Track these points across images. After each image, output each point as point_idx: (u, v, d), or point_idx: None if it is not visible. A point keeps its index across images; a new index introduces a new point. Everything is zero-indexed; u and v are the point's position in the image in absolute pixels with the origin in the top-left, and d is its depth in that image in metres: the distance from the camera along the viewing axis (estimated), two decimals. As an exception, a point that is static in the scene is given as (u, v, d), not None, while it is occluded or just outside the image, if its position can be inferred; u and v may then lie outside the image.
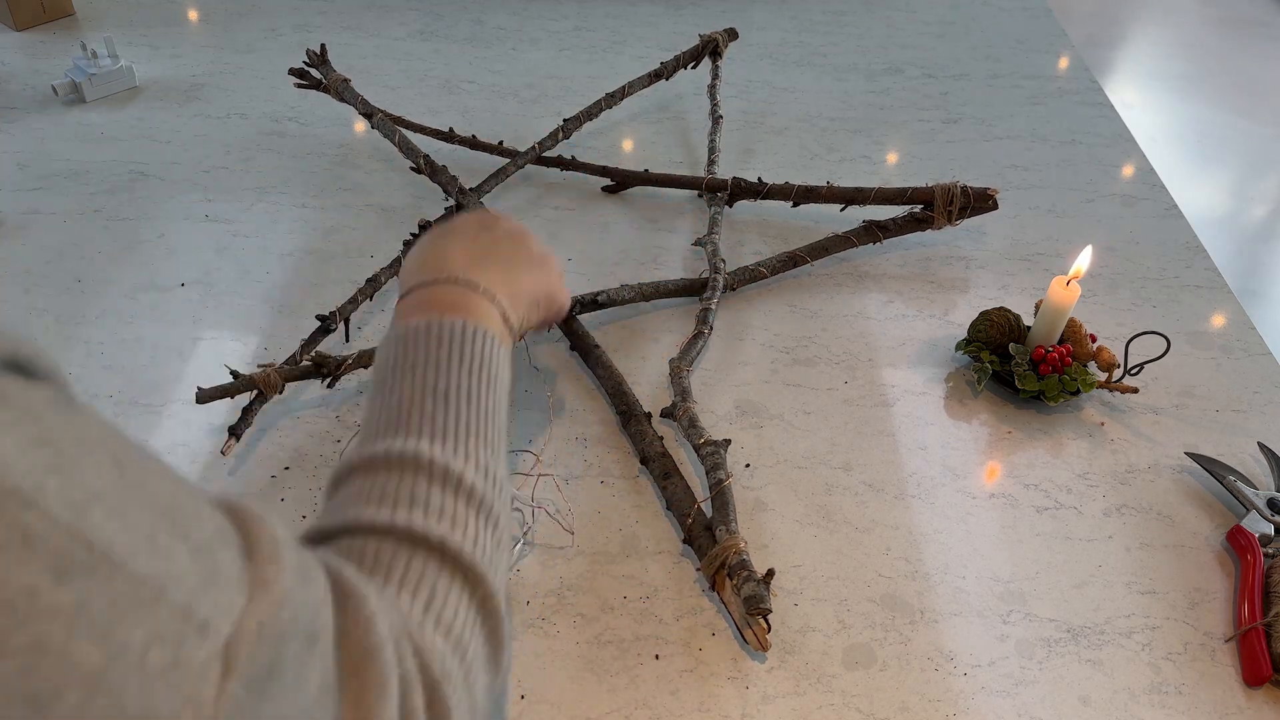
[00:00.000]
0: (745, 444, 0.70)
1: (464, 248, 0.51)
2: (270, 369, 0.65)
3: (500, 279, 0.50)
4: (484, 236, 0.53)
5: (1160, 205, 0.99)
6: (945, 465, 0.69)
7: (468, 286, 0.48)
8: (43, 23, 1.21)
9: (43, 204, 0.89)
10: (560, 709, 0.53)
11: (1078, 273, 0.72)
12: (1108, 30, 3.33)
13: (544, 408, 0.71)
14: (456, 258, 0.50)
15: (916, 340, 0.80)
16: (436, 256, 0.50)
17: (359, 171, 0.97)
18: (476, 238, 0.52)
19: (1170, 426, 0.73)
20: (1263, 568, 0.60)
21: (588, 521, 0.63)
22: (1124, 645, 0.58)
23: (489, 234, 0.53)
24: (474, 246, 0.51)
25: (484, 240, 0.52)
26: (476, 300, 0.47)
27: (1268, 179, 2.56)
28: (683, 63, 1.02)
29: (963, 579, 0.61)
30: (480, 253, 0.51)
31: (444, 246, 0.51)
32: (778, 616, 0.58)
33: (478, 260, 0.50)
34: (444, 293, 0.47)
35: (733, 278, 0.82)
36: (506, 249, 0.53)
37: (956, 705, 0.54)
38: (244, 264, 0.84)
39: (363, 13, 1.30)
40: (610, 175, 0.94)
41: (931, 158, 1.05)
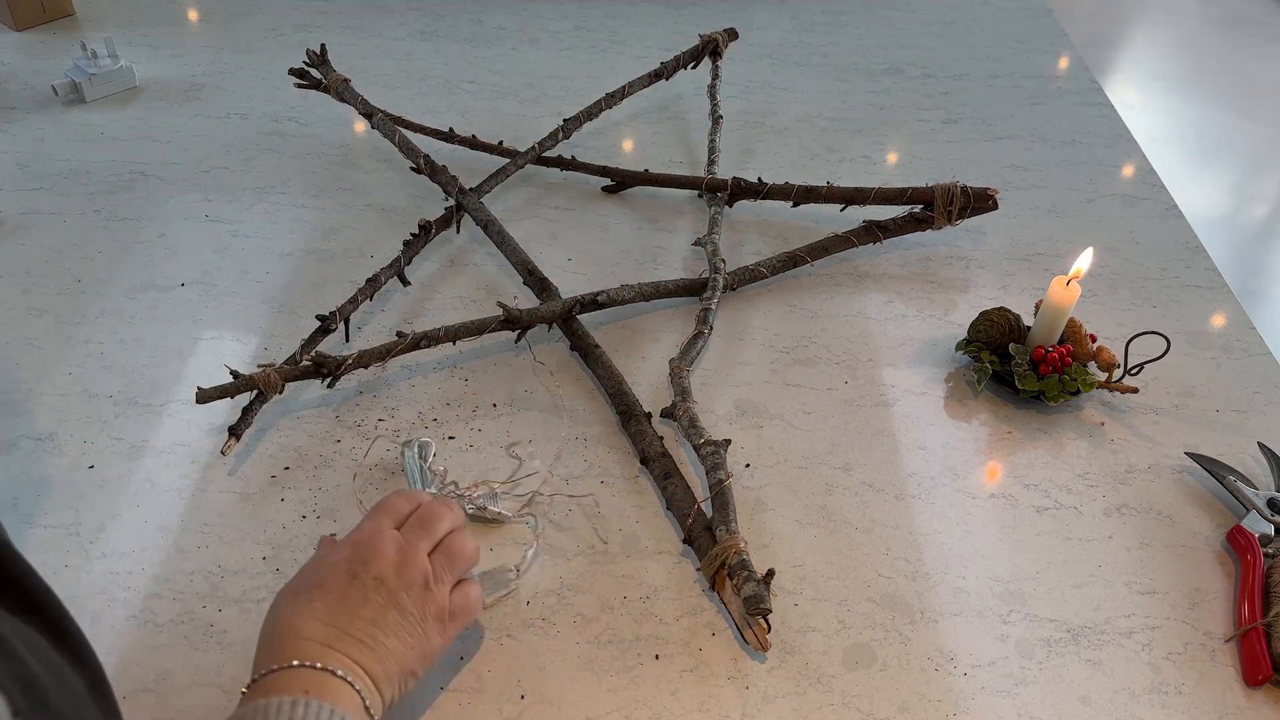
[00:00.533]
0: (745, 444, 0.70)
1: (324, 616, 0.46)
2: (270, 369, 0.65)
3: (366, 655, 0.45)
4: (352, 593, 0.47)
5: (1160, 205, 0.99)
6: (945, 465, 0.69)
7: (324, 672, 0.43)
8: (43, 23, 1.21)
9: (43, 204, 0.89)
10: (560, 709, 0.53)
11: (1078, 273, 0.72)
12: (1108, 30, 3.33)
13: (544, 408, 0.71)
14: (313, 632, 0.45)
15: (916, 340, 0.80)
16: (290, 632, 0.45)
17: (359, 171, 0.97)
18: (343, 597, 0.46)
19: (1170, 426, 0.73)
20: (1263, 568, 0.60)
21: (588, 522, 0.63)
22: (1124, 645, 0.58)
23: (357, 589, 0.47)
24: (337, 612, 0.46)
25: (351, 599, 0.46)
26: (333, 686, 0.43)
27: (1268, 179, 2.56)
28: (683, 63, 1.02)
29: (963, 579, 0.61)
30: (344, 619, 0.46)
31: (299, 618, 0.45)
32: (778, 616, 0.58)
33: (339, 634, 0.45)
34: (295, 680, 0.43)
35: (733, 278, 0.82)
36: (374, 609, 0.46)
37: (956, 705, 0.54)
38: (244, 264, 0.84)
39: (363, 13, 1.30)
40: (610, 175, 0.94)
41: (931, 158, 1.05)
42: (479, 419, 0.70)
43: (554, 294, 0.79)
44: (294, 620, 0.46)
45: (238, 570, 0.59)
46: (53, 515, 0.62)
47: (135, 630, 0.55)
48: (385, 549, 0.49)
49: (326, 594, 0.47)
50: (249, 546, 0.60)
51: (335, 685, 0.43)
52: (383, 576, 0.48)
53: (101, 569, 0.58)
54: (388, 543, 0.49)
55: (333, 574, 0.48)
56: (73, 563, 0.59)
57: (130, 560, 0.59)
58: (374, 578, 0.47)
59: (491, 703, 0.53)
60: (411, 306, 0.81)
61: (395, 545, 0.49)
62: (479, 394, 0.72)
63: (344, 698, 0.43)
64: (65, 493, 0.63)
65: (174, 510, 0.62)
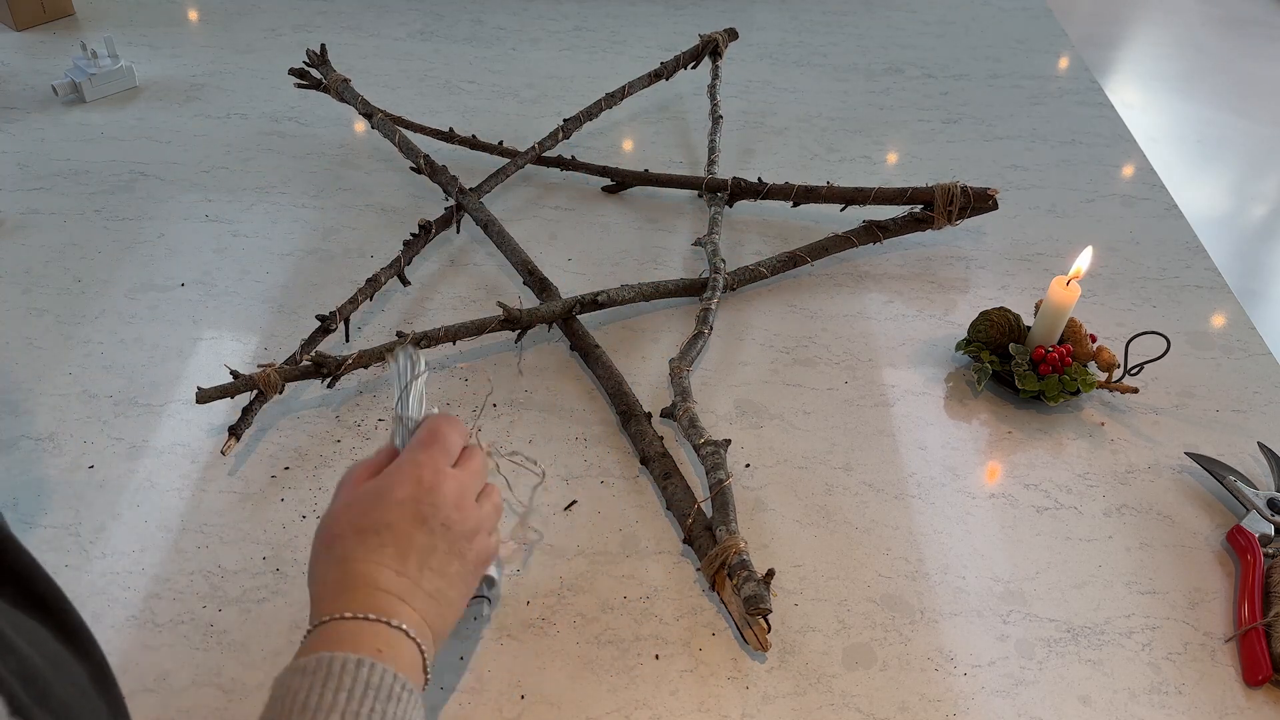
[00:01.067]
0: (745, 444, 0.70)
1: (396, 564, 0.44)
2: (270, 369, 0.65)
3: (433, 611, 0.44)
4: (420, 539, 0.45)
5: (1160, 205, 0.99)
6: (945, 465, 0.69)
7: (397, 631, 0.42)
8: (43, 23, 1.21)
9: (43, 204, 0.89)
10: (560, 709, 0.53)
11: (1078, 273, 0.72)
12: (1108, 30, 3.33)
13: (544, 408, 0.71)
14: (388, 583, 0.43)
15: (916, 340, 0.80)
16: (364, 581, 0.43)
17: (359, 171, 0.97)
18: (412, 543, 0.45)
19: (1170, 426, 0.73)
20: (1263, 568, 0.60)
21: (588, 521, 0.63)
22: (1124, 645, 0.58)
23: (425, 535, 0.45)
24: (408, 560, 0.44)
25: (420, 546, 0.45)
26: (403, 647, 0.42)
27: (1268, 179, 2.56)
28: (683, 63, 1.02)
29: (963, 579, 0.61)
30: (415, 569, 0.44)
31: (372, 566, 0.44)
32: (778, 616, 0.58)
33: (411, 586, 0.44)
34: (366, 635, 0.41)
35: (733, 278, 0.82)
36: (440, 558, 0.45)
37: (956, 705, 0.54)
38: (244, 264, 0.84)
39: (363, 13, 1.30)
40: (610, 175, 0.94)
41: (931, 158, 1.05)
42: (479, 419, 0.70)
43: (554, 294, 0.79)
44: (368, 568, 0.44)
45: (238, 570, 0.59)
46: (53, 515, 0.62)
47: (135, 630, 0.55)
48: (449, 492, 0.47)
49: (397, 538, 0.44)
50: (249, 546, 0.60)
51: (405, 645, 0.42)
52: (449, 523, 0.46)
53: (101, 569, 0.58)
54: (451, 486, 0.47)
55: (400, 515, 0.45)
56: (73, 563, 0.59)
57: (130, 560, 0.59)
58: (441, 524, 0.46)
59: (491, 703, 0.53)
60: (411, 306, 0.81)
61: (458, 489, 0.47)
62: (479, 394, 0.72)
63: (410, 659, 0.42)
64: (65, 493, 0.63)
65: (174, 510, 0.62)
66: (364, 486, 0.47)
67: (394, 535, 0.45)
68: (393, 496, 0.46)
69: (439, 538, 0.46)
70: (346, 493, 0.47)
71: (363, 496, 0.46)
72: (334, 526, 0.46)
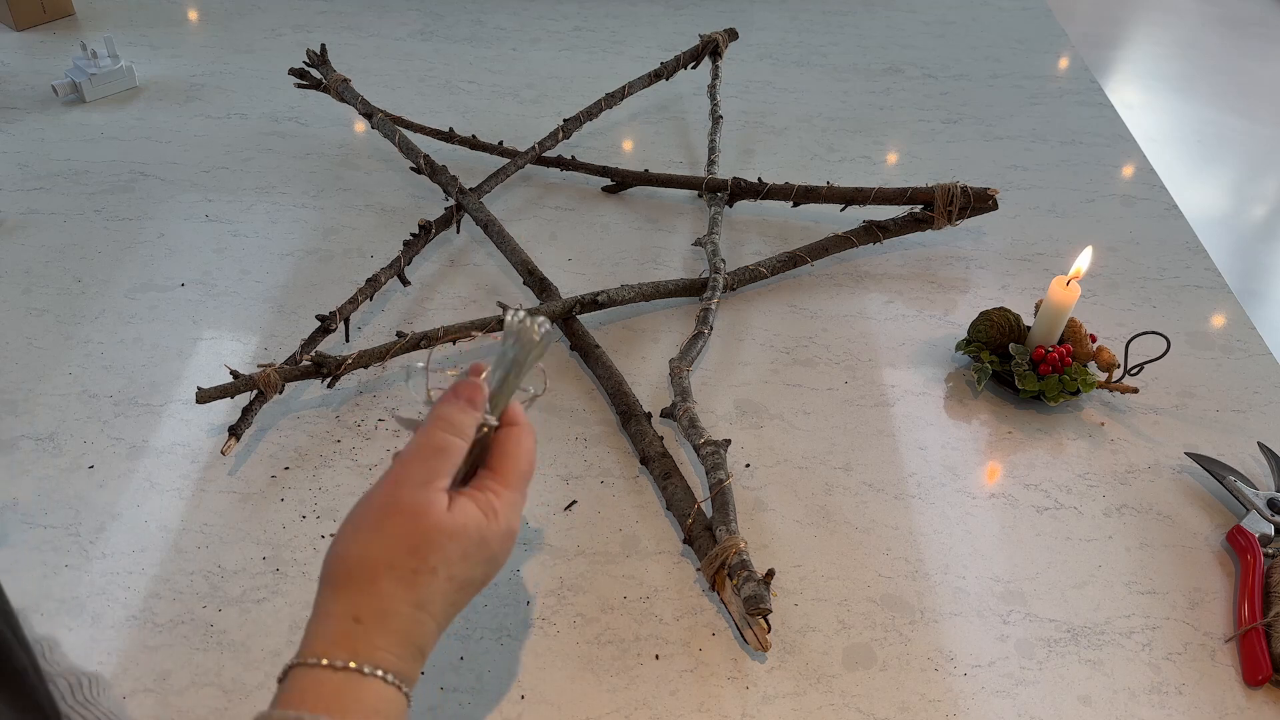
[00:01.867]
0: (745, 444, 0.70)
1: (440, 616, 0.39)
2: (270, 369, 0.65)
3: (415, 662, 0.39)
4: (464, 597, 0.40)
5: (1160, 205, 0.99)
6: (945, 465, 0.69)
7: (389, 686, 0.37)
8: (43, 23, 1.21)
9: (43, 204, 0.89)
10: (560, 709, 0.53)
11: (1078, 273, 0.72)
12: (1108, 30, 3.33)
13: (543, 408, 0.71)
14: (383, 643, 0.38)
15: (916, 340, 0.80)
16: (417, 640, 0.38)
17: (359, 171, 0.97)
18: (412, 585, 0.38)
19: (1170, 426, 0.73)
20: (1263, 568, 0.60)
21: (588, 521, 0.63)
22: (1124, 645, 0.58)
23: (424, 571, 0.39)
24: (404, 615, 0.38)
25: (421, 591, 0.39)
26: (390, 701, 0.37)
27: (1268, 179, 2.56)
28: (683, 63, 1.02)
29: (963, 579, 0.61)
30: (411, 615, 0.38)
31: (372, 611, 0.38)
32: (778, 616, 0.58)
33: (407, 637, 0.38)
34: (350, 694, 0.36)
35: (733, 278, 0.82)
36: (440, 600, 0.39)
37: (956, 705, 0.54)
38: (244, 264, 0.84)
39: (363, 13, 1.30)
40: (610, 175, 0.94)
41: (931, 158, 1.05)
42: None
43: (554, 294, 0.79)
44: (366, 608, 0.38)
45: (238, 570, 0.59)
46: (53, 515, 0.62)
47: (135, 630, 0.55)
48: (509, 550, 0.42)
49: (395, 581, 0.38)
50: (249, 546, 0.60)
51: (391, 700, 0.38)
52: (450, 562, 0.40)
53: (101, 569, 0.58)
54: (511, 544, 0.43)
55: (395, 556, 0.39)
56: (73, 563, 0.59)
57: (130, 560, 0.59)
58: (443, 561, 0.40)
59: (491, 703, 0.53)
60: (411, 306, 0.81)
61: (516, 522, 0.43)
62: (479, 394, 0.72)
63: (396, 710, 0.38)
64: (65, 493, 0.63)
65: (174, 510, 0.62)
66: (471, 521, 0.40)
67: (388, 580, 0.39)
68: (387, 550, 0.39)
69: (442, 579, 0.40)
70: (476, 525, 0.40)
71: (465, 530, 0.40)
72: (429, 557, 0.39)
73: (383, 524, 0.39)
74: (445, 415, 0.42)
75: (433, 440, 0.41)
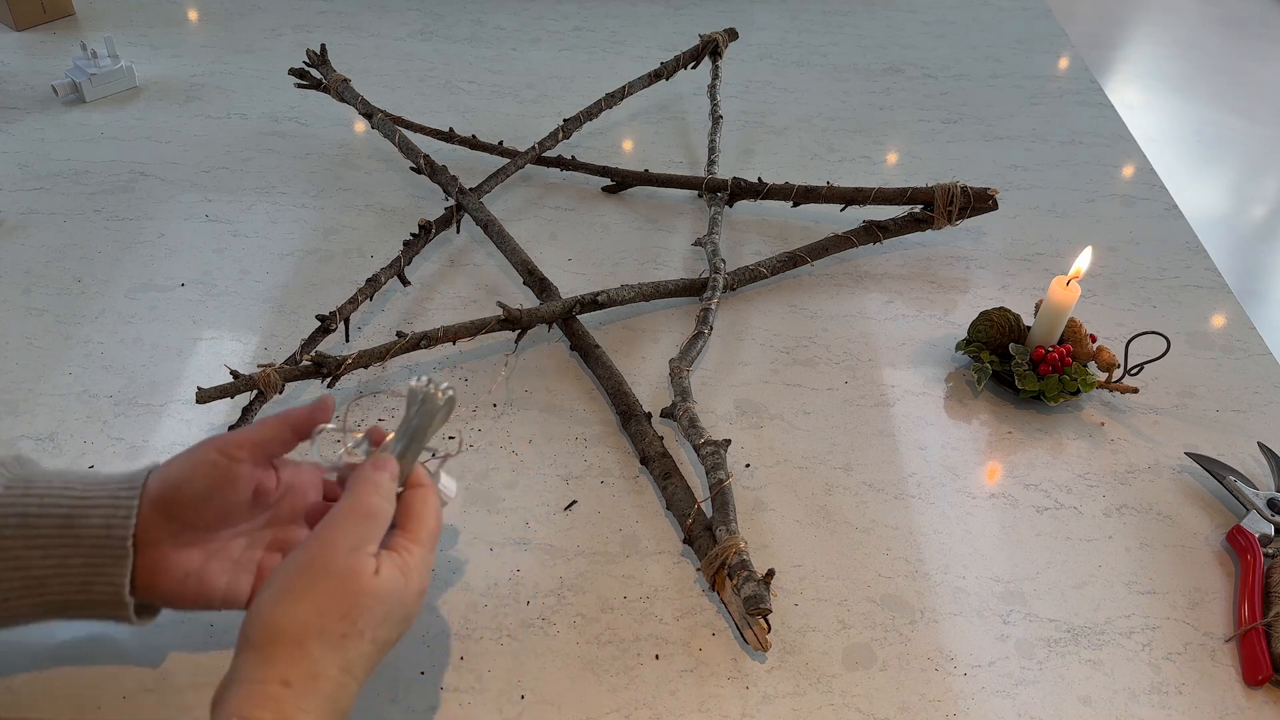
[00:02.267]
0: (745, 444, 0.70)
1: (324, 683, 0.39)
2: (270, 369, 0.65)
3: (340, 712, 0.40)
4: (351, 645, 0.39)
5: (1160, 205, 0.99)
6: (945, 465, 0.69)
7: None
8: (43, 23, 1.21)
9: (43, 204, 0.89)
10: (560, 709, 0.53)
11: (1077, 273, 0.72)
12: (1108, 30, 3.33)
13: (543, 408, 0.71)
14: (310, 706, 0.38)
15: (916, 340, 0.80)
16: (283, 694, 0.38)
17: (359, 171, 0.97)
18: (340, 649, 0.39)
19: (1170, 426, 0.73)
20: (1263, 568, 0.60)
21: (588, 521, 0.63)
22: (1124, 645, 0.58)
23: (353, 635, 0.39)
24: (332, 678, 0.39)
25: (349, 654, 0.39)
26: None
27: (1268, 179, 2.56)
28: (683, 63, 1.02)
29: (963, 579, 0.61)
30: (337, 679, 0.39)
31: (302, 674, 0.38)
32: (778, 616, 0.58)
33: (333, 701, 0.39)
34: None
35: (733, 278, 0.82)
36: (363, 662, 0.40)
37: (956, 705, 0.54)
38: (244, 264, 0.84)
39: (363, 13, 1.30)
40: (610, 175, 0.94)
41: (931, 158, 1.05)
42: (479, 419, 0.70)
43: (554, 294, 0.79)
44: (286, 668, 0.39)
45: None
46: (53, 515, 0.62)
47: (135, 630, 0.55)
48: (420, 608, 0.44)
49: (320, 641, 0.39)
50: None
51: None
52: (374, 621, 0.42)
53: (101, 569, 0.58)
54: (421, 602, 0.44)
55: (323, 618, 0.40)
56: (73, 563, 0.59)
57: (130, 560, 0.59)
58: (369, 624, 0.41)
59: (491, 703, 0.53)
60: (411, 306, 0.81)
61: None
62: (479, 394, 0.72)
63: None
64: (65, 493, 0.63)
65: (174, 510, 0.62)
66: (395, 584, 0.41)
67: (387, 648, 0.41)
68: (312, 610, 0.40)
69: (368, 643, 0.41)
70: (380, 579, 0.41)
71: (390, 593, 0.41)
72: (357, 621, 0.40)
73: (312, 589, 0.39)
74: (375, 480, 0.43)
75: (363, 505, 0.42)
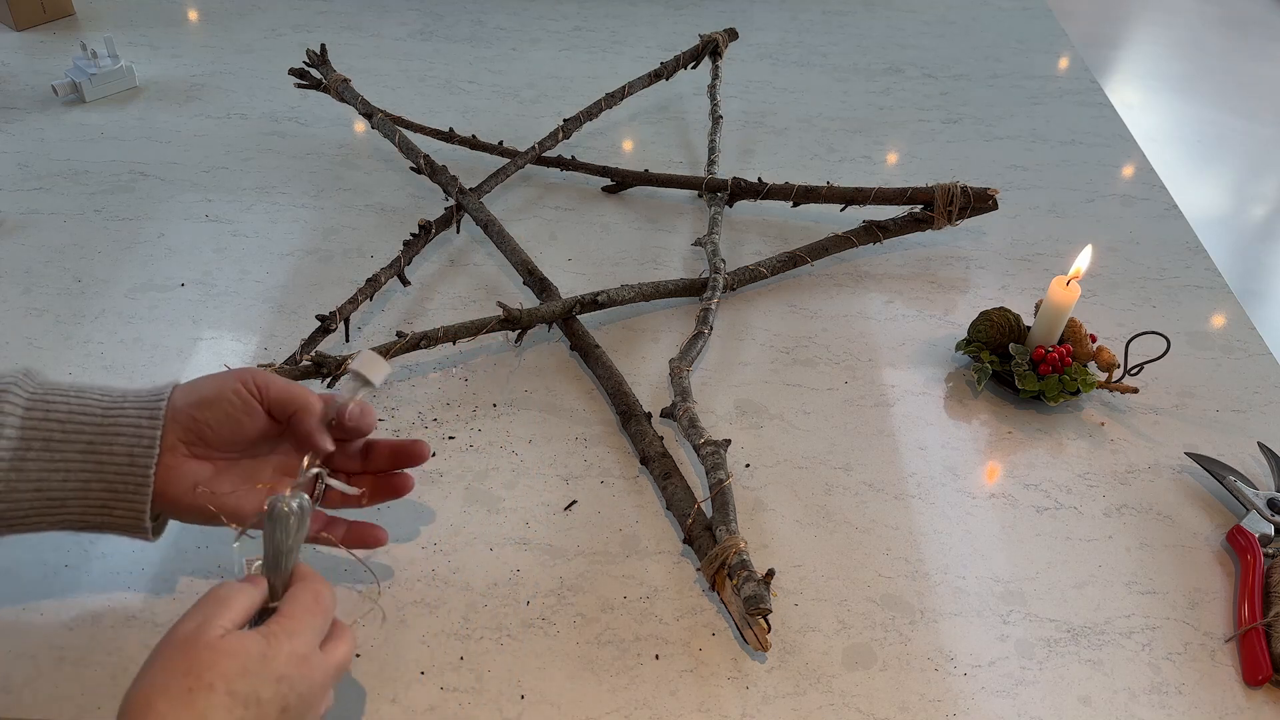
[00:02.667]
0: (745, 444, 0.70)
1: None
2: (270, 369, 0.65)
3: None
4: (200, 698, 0.38)
5: (1160, 205, 0.99)
6: (945, 465, 0.69)
7: None
8: (43, 23, 1.21)
9: (43, 204, 0.89)
10: (560, 709, 0.53)
11: (1077, 273, 0.72)
12: (1108, 30, 3.33)
13: (544, 408, 0.71)
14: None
15: (916, 340, 0.80)
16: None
17: (359, 171, 0.97)
18: (189, 703, 0.38)
19: (1170, 426, 0.73)
20: (1263, 568, 0.60)
21: (588, 521, 0.63)
22: (1124, 645, 0.58)
23: (199, 689, 0.38)
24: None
25: (199, 707, 0.38)
26: None
27: (1268, 179, 2.56)
28: (683, 63, 1.02)
29: (963, 579, 0.61)
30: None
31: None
32: (778, 616, 0.58)
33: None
34: None
35: (733, 278, 0.82)
36: (227, 716, 0.38)
37: (956, 705, 0.54)
38: (244, 264, 0.84)
39: (363, 13, 1.30)
40: (610, 175, 0.94)
41: (931, 158, 1.05)
42: (479, 419, 0.70)
43: (554, 294, 0.79)
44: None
45: (238, 570, 0.59)
46: (53, 515, 0.62)
47: (135, 630, 0.55)
48: (312, 675, 0.42)
49: (234, 707, 0.39)
50: (249, 546, 0.60)
51: None
52: (312, 706, 0.42)
53: (101, 569, 0.58)
54: (307, 668, 0.43)
55: (274, 693, 0.40)
56: (73, 563, 0.59)
57: (130, 560, 0.59)
58: (304, 708, 0.42)
59: (491, 703, 0.53)
60: (411, 306, 0.81)
61: (336, 670, 0.45)
62: (479, 394, 0.72)
63: None
64: (65, 493, 0.63)
65: (174, 510, 0.62)
66: (250, 642, 0.41)
67: (268, 707, 0.40)
68: (275, 669, 0.40)
69: (290, 692, 0.41)
70: (231, 642, 0.40)
71: (241, 650, 0.40)
72: (203, 675, 0.39)
73: (155, 658, 0.40)
74: (229, 581, 0.44)
75: (214, 593, 0.43)
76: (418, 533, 0.62)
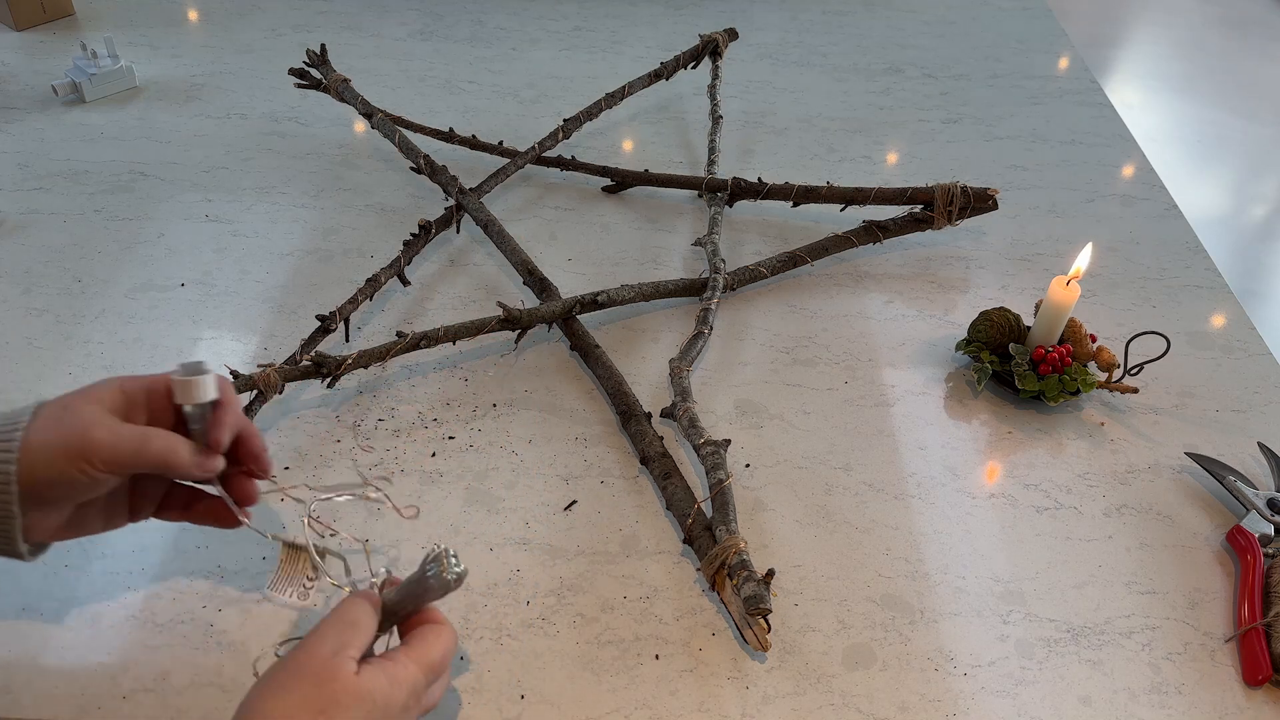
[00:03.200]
0: (745, 444, 0.70)
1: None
2: (270, 369, 0.65)
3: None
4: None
5: (1160, 205, 0.99)
6: (945, 465, 0.69)
7: None
8: (43, 23, 1.21)
9: (43, 204, 0.89)
10: (560, 709, 0.53)
11: (1077, 272, 0.72)
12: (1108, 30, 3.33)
13: (544, 408, 0.71)
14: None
15: (916, 340, 0.80)
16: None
17: (359, 171, 0.97)
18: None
19: (1170, 426, 0.73)
20: (1263, 568, 0.60)
21: (588, 521, 0.63)
22: (1124, 645, 0.58)
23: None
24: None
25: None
26: None
27: (1268, 179, 2.56)
28: (683, 63, 1.02)
29: (963, 579, 0.61)
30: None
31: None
32: (778, 616, 0.58)
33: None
34: None
35: (733, 278, 0.82)
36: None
37: (956, 705, 0.54)
38: (244, 264, 0.84)
39: (363, 13, 1.30)
40: (610, 175, 0.94)
41: (931, 158, 1.05)
42: (479, 419, 0.70)
43: (554, 294, 0.79)
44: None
45: (238, 570, 0.59)
46: (53, 515, 0.62)
47: (135, 630, 0.55)
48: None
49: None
50: (249, 546, 0.60)
51: None
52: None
53: (101, 569, 0.58)
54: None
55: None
56: (73, 563, 0.59)
57: (130, 560, 0.59)
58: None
59: (491, 703, 0.53)
60: (411, 306, 0.81)
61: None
62: (479, 394, 0.72)
63: None
64: (65, 493, 0.63)
65: (174, 510, 0.62)
66: (379, 687, 0.42)
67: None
68: (392, 715, 0.42)
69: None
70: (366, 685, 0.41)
71: (371, 694, 0.42)
72: (328, 709, 0.40)
73: (291, 685, 0.41)
74: (359, 597, 0.45)
75: (346, 615, 0.44)
76: (417, 532, 0.62)
